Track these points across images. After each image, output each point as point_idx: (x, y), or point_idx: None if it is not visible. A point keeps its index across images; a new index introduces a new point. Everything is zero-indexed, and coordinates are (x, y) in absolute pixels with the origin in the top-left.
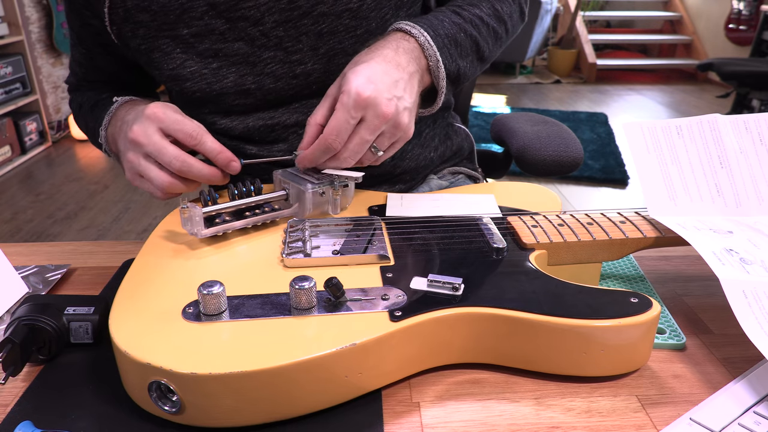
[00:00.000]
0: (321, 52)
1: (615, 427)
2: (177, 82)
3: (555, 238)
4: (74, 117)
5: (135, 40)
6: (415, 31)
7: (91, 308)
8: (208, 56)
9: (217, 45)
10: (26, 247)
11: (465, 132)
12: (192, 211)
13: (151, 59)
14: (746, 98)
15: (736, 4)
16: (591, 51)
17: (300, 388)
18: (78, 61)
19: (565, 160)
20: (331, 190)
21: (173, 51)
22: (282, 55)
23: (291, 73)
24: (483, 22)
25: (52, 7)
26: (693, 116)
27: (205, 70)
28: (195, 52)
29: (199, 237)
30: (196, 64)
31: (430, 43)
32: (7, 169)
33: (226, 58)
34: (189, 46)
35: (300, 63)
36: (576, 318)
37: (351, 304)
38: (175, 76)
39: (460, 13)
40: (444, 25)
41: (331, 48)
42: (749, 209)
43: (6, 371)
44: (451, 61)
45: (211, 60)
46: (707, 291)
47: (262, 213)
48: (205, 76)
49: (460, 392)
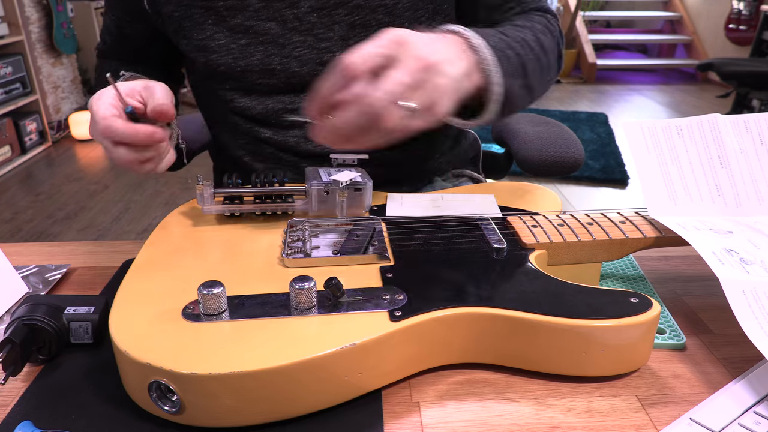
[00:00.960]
0: (351, 43)
1: (615, 427)
2: (203, 53)
3: (555, 238)
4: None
5: (168, 6)
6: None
7: (91, 308)
8: (238, 31)
9: (250, 21)
10: (26, 247)
11: (474, 136)
12: (204, 189)
13: (182, 27)
14: (746, 98)
15: (736, 4)
16: (591, 51)
17: (300, 388)
18: (108, 29)
19: (567, 161)
20: (336, 191)
21: (205, 22)
22: (312, 41)
23: (318, 59)
24: (529, 46)
25: (52, 7)
26: (693, 116)
27: (234, 45)
28: (226, 26)
29: (204, 212)
30: (226, 37)
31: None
32: (7, 169)
33: (255, 35)
34: (221, 19)
35: (328, 51)
36: (576, 318)
37: (351, 304)
38: (202, 47)
39: (505, 33)
40: (492, 38)
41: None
42: (749, 209)
43: (6, 371)
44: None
45: (241, 36)
46: (707, 291)
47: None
48: (233, 51)
49: (460, 392)
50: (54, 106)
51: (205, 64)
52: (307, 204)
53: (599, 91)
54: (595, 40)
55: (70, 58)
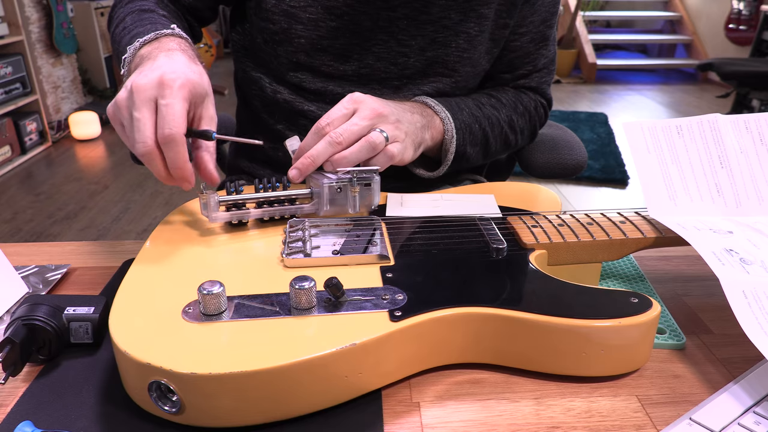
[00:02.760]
0: (427, 55)
1: (615, 427)
2: (288, 20)
3: (555, 238)
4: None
5: None
6: (438, 107)
7: (91, 308)
8: (332, 13)
9: (346, 8)
10: (26, 247)
11: None
12: (209, 197)
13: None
14: (746, 98)
15: (736, 4)
16: (591, 51)
17: (300, 388)
18: None
19: (570, 163)
20: (349, 187)
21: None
22: (393, 43)
23: (393, 60)
24: (498, 124)
25: (52, 7)
26: (693, 116)
27: (323, 24)
28: (323, 4)
29: (211, 221)
30: (318, 13)
31: (450, 119)
32: (7, 169)
33: (347, 23)
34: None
35: (404, 56)
36: (576, 318)
37: (351, 304)
38: (291, 14)
39: (481, 108)
40: (464, 114)
41: (437, 56)
42: (749, 209)
43: (6, 371)
44: (462, 143)
45: (334, 18)
46: (707, 291)
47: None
48: (320, 29)
49: (460, 392)
50: (54, 106)
51: (284, 30)
52: (315, 205)
53: (599, 91)
54: (595, 40)
55: (70, 58)
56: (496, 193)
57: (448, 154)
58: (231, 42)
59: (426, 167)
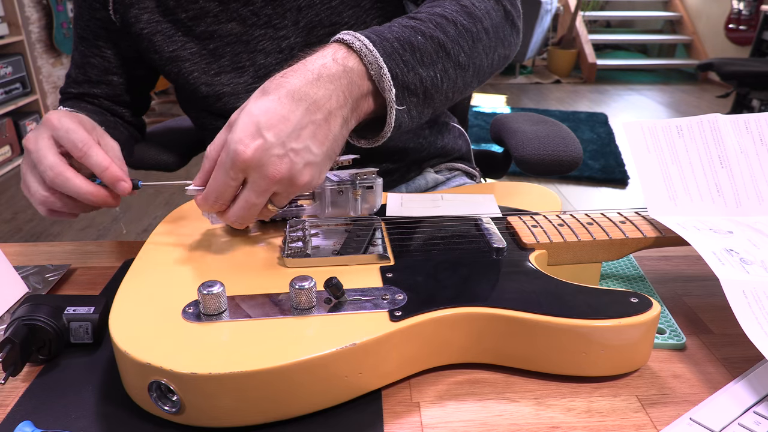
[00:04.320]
0: (301, 25)
1: (615, 427)
2: (176, 64)
3: (555, 238)
4: None
5: (138, 25)
6: (349, 37)
7: (91, 308)
8: (204, 38)
9: (212, 27)
10: (26, 247)
11: (460, 131)
12: None
13: (153, 43)
14: (746, 98)
15: (736, 4)
16: (591, 51)
17: (300, 388)
18: (75, 63)
19: (565, 159)
20: (351, 190)
21: (175, 34)
22: (272, 32)
23: (278, 48)
24: (448, 20)
25: (52, 7)
26: (693, 116)
27: (204, 51)
28: (194, 35)
29: (213, 224)
30: (196, 45)
31: (369, 48)
32: (7, 169)
33: (221, 38)
34: (188, 29)
35: (285, 38)
36: (576, 318)
37: (351, 304)
38: (175, 58)
39: (414, 16)
40: (392, 30)
41: (310, 21)
42: (749, 209)
43: (6, 371)
44: (406, 69)
45: (208, 41)
46: (707, 291)
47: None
48: (204, 56)
49: (460, 392)
50: (54, 106)
51: (178, 75)
52: (317, 208)
53: (599, 91)
54: (595, 40)
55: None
56: (496, 193)
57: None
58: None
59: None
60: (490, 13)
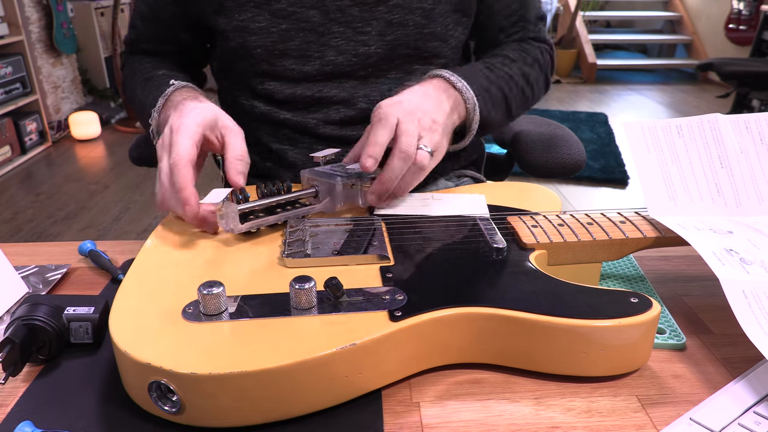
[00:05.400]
0: (387, 39)
1: (615, 427)
2: (242, 34)
3: (555, 238)
4: (123, 81)
5: None
6: (453, 78)
7: (91, 308)
8: (280, 16)
9: (293, 8)
10: (26, 247)
11: (479, 141)
12: (228, 208)
13: (223, 7)
14: (746, 98)
15: (736, 4)
16: (591, 51)
17: (300, 388)
18: (141, 15)
19: (568, 162)
20: (359, 182)
21: (247, 3)
22: (350, 33)
23: (354, 51)
24: (513, 81)
25: (52, 7)
26: (693, 116)
27: (274, 29)
28: (269, 9)
29: (235, 232)
30: (266, 20)
31: (467, 89)
32: (7, 169)
33: (297, 22)
34: (264, 2)
35: (364, 44)
36: (576, 318)
37: (351, 304)
38: (242, 28)
39: (492, 69)
40: (479, 78)
41: (397, 38)
42: (749, 209)
43: (6, 371)
44: (484, 108)
45: (282, 21)
46: (707, 291)
47: (294, 209)
48: (272, 35)
49: (460, 392)
50: (54, 106)
51: (241, 45)
52: (327, 204)
53: (599, 91)
54: (595, 40)
55: (70, 58)
56: (496, 193)
57: (473, 124)
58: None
59: None
60: (538, 82)
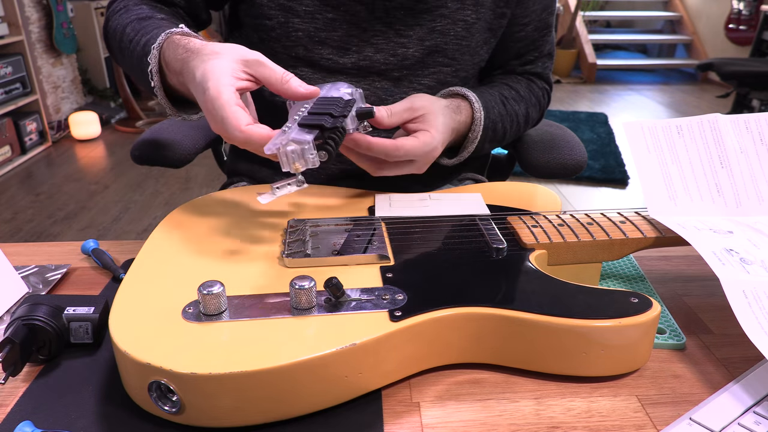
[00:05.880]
0: (426, 45)
1: (615, 427)
2: (285, 14)
3: (555, 238)
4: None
5: None
6: (478, 114)
7: (91, 308)
8: (328, 4)
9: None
10: (26, 247)
11: None
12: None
13: None
14: (746, 98)
15: (736, 4)
16: (591, 51)
17: (300, 388)
18: None
19: (570, 163)
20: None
21: None
22: (391, 34)
23: (392, 51)
24: (517, 120)
25: (52, 7)
26: (693, 116)
27: (319, 15)
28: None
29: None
30: (314, 6)
31: (480, 121)
32: (7, 169)
33: (343, 14)
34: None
35: (403, 47)
36: (576, 318)
37: (351, 304)
38: (288, 8)
39: (505, 104)
40: (493, 112)
41: (436, 45)
42: (749, 209)
43: (6, 371)
44: (483, 142)
45: (329, 9)
46: (707, 291)
47: None
48: (317, 21)
49: (460, 392)
50: (54, 106)
51: (282, 24)
52: None
53: (599, 91)
54: (595, 40)
55: (70, 58)
56: (496, 193)
57: (464, 152)
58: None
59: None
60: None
